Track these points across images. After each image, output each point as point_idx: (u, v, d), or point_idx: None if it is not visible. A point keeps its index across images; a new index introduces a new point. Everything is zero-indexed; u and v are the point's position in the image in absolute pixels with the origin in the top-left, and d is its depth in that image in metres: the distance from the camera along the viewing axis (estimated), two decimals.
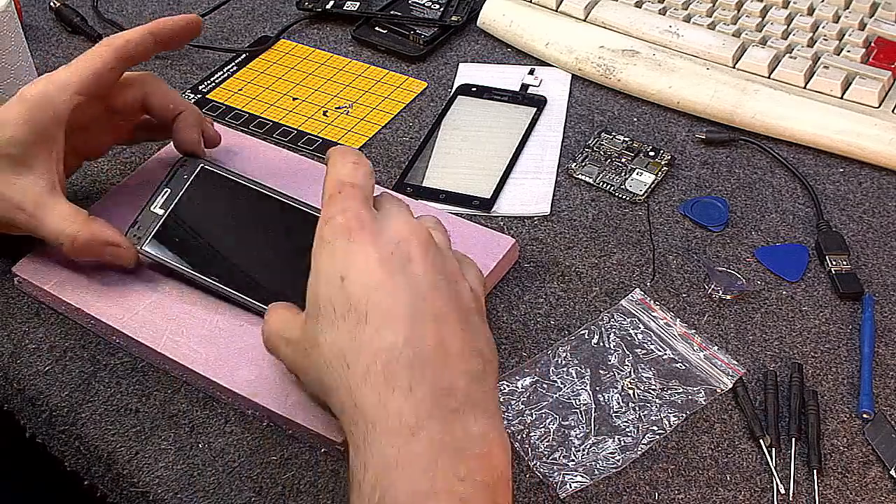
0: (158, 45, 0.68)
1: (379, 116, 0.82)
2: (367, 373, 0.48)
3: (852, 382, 0.60)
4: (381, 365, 0.48)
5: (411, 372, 0.47)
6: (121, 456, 0.58)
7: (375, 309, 0.49)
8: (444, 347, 0.48)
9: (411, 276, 0.50)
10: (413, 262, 0.51)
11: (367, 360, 0.48)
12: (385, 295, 0.49)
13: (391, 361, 0.48)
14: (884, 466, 0.56)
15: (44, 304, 0.66)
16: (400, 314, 0.49)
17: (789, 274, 0.67)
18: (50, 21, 0.96)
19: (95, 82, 0.64)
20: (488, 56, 0.88)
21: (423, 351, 0.48)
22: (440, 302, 0.50)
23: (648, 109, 0.82)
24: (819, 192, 0.73)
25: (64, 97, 0.63)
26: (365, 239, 0.51)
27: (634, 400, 0.59)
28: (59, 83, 0.64)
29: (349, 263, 0.50)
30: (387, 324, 0.49)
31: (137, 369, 0.63)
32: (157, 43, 0.67)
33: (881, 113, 0.76)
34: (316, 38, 0.92)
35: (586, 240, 0.70)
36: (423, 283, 0.50)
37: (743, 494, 0.55)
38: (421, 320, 0.49)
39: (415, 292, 0.50)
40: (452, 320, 0.50)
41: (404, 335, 0.48)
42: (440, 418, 0.47)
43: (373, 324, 0.49)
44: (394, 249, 0.51)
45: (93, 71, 0.64)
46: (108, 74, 0.65)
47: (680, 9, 0.86)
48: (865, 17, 0.83)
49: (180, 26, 0.68)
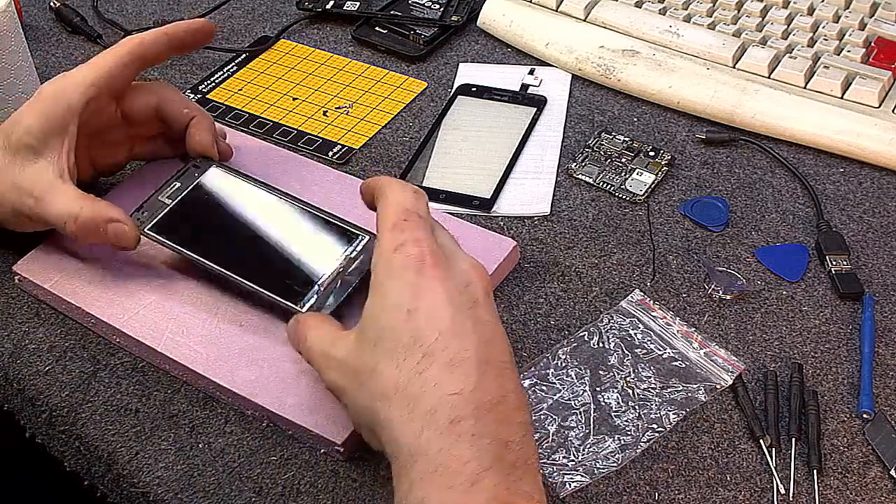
0: (172, 48, 0.68)
1: (379, 116, 0.82)
2: (431, 416, 0.47)
3: (852, 382, 0.60)
4: (447, 410, 0.47)
5: (476, 422, 0.47)
6: (121, 456, 0.58)
7: (444, 350, 0.48)
8: (506, 399, 0.48)
9: (478, 321, 0.50)
10: (479, 307, 0.51)
11: (433, 402, 0.47)
12: (453, 337, 0.49)
13: (458, 408, 0.47)
14: (884, 466, 0.56)
15: (44, 303, 0.66)
16: (469, 359, 0.48)
17: (789, 274, 0.67)
18: (50, 21, 0.96)
19: (108, 76, 0.65)
20: (488, 56, 0.88)
21: (489, 401, 0.48)
22: (505, 353, 0.50)
23: (648, 109, 0.82)
24: (819, 192, 0.73)
25: (79, 89, 0.64)
26: (437, 275, 0.50)
27: (634, 399, 0.59)
28: (74, 77, 0.65)
29: (419, 298, 0.50)
30: (455, 368, 0.48)
31: (137, 369, 0.63)
32: (171, 45, 0.68)
33: (881, 113, 0.76)
34: (316, 38, 0.92)
35: (586, 240, 0.70)
36: (488, 330, 0.50)
37: (743, 494, 0.55)
38: (487, 369, 0.48)
39: (481, 338, 0.49)
40: (511, 372, 0.50)
41: (474, 383, 0.48)
42: (499, 471, 0.46)
43: (440, 365, 0.48)
44: (462, 288, 0.51)
45: (107, 67, 0.66)
46: (122, 71, 0.66)
47: (680, 9, 0.86)
48: (865, 17, 0.83)
49: (194, 29, 0.69)
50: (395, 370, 0.49)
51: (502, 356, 0.50)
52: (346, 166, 0.77)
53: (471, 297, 0.51)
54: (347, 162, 0.78)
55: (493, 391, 0.48)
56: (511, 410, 0.48)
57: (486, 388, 0.48)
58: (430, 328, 0.49)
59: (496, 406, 0.48)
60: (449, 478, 0.46)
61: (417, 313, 0.49)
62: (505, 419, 0.48)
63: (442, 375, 0.48)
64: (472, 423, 0.47)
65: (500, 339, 0.51)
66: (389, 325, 0.50)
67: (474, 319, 0.50)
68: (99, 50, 0.92)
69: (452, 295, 0.50)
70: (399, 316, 0.50)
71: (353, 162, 0.78)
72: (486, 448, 0.47)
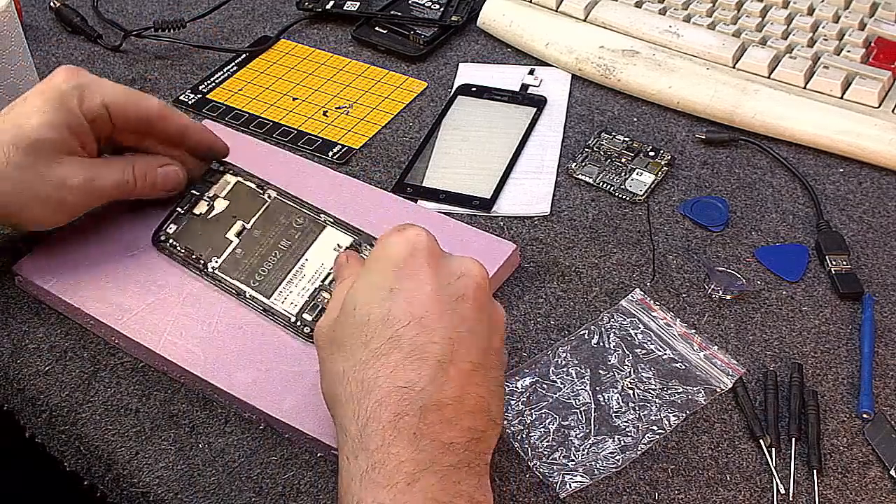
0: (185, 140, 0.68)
1: (379, 116, 0.82)
2: (378, 406, 0.47)
3: (852, 382, 0.60)
4: (393, 404, 0.47)
5: (420, 420, 0.47)
6: (121, 456, 0.58)
7: (411, 338, 0.48)
8: (460, 402, 0.48)
9: (456, 315, 0.49)
10: (465, 300, 0.50)
11: (382, 392, 0.47)
12: (424, 327, 0.48)
13: (403, 403, 0.47)
14: (884, 466, 0.56)
15: (44, 303, 0.66)
16: (430, 359, 0.48)
17: (789, 274, 0.67)
18: (50, 21, 0.96)
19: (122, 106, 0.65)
20: (488, 56, 0.88)
21: (439, 400, 0.47)
22: (474, 352, 0.49)
23: (648, 109, 0.82)
24: (819, 192, 0.73)
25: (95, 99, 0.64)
26: (427, 262, 0.50)
27: (634, 400, 0.59)
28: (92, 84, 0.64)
29: (404, 279, 0.50)
30: (414, 360, 0.48)
31: (137, 369, 0.63)
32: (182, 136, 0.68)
33: (881, 113, 0.76)
34: (316, 38, 0.92)
35: (586, 240, 0.70)
36: (465, 329, 0.49)
37: (743, 494, 0.55)
38: (447, 367, 0.48)
39: (452, 334, 0.49)
40: (478, 375, 0.49)
41: (428, 377, 0.47)
42: (438, 473, 0.46)
43: (402, 352, 0.48)
44: (452, 281, 0.50)
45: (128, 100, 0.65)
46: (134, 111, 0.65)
47: (680, 9, 0.86)
48: (865, 17, 0.83)
49: (212, 140, 0.69)
50: (361, 347, 0.49)
51: (471, 356, 0.49)
52: (346, 166, 0.77)
53: (458, 290, 0.50)
54: (347, 162, 0.78)
55: (447, 391, 0.47)
56: (463, 413, 0.48)
57: (438, 387, 0.47)
58: (405, 311, 0.49)
59: (445, 406, 0.47)
60: (386, 476, 0.46)
61: (398, 294, 0.49)
62: (451, 421, 0.47)
63: (399, 364, 0.48)
64: (415, 422, 0.47)
65: (477, 338, 0.50)
66: (367, 301, 0.50)
67: (453, 313, 0.49)
68: (99, 50, 0.92)
69: (438, 284, 0.50)
70: (381, 293, 0.50)
71: (353, 162, 0.78)
72: (425, 448, 0.46)
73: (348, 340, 0.50)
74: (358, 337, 0.49)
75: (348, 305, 0.51)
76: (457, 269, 0.51)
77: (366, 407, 0.47)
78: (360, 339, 0.49)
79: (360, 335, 0.49)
